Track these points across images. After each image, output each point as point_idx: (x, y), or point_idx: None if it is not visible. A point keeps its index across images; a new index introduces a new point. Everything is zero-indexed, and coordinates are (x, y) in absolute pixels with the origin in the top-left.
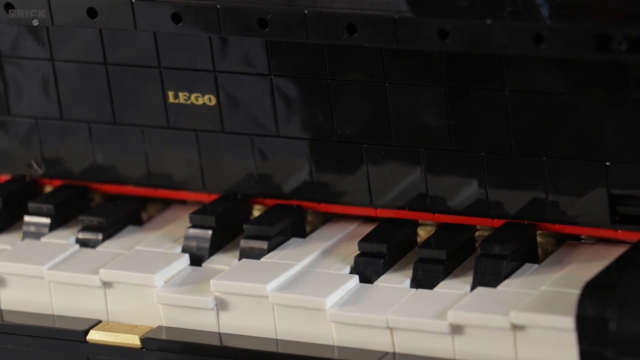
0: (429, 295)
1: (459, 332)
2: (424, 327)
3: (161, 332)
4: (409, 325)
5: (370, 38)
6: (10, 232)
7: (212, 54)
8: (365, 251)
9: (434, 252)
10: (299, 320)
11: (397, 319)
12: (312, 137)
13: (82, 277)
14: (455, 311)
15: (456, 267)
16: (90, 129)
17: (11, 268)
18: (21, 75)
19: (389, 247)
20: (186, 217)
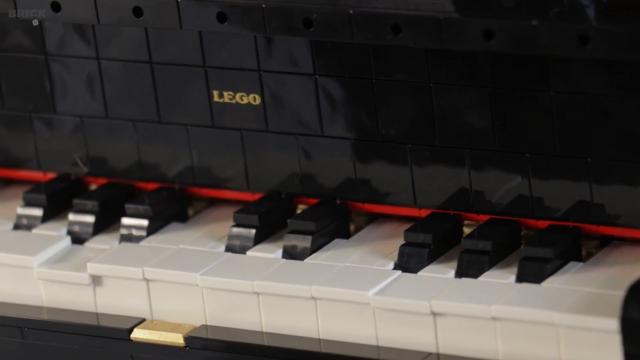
0: (474, 284)
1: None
2: (468, 313)
3: (205, 330)
4: (454, 310)
5: (415, 38)
6: (54, 229)
7: (257, 53)
8: (411, 241)
9: (479, 243)
10: (342, 318)
11: (442, 303)
12: (356, 137)
13: (126, 273)
14: (499, 305)
15: (501, 260)
16: (135, 127)
17: (55, 267)
18: (67, 73)
19: (435, 237)
20: (230, 216)
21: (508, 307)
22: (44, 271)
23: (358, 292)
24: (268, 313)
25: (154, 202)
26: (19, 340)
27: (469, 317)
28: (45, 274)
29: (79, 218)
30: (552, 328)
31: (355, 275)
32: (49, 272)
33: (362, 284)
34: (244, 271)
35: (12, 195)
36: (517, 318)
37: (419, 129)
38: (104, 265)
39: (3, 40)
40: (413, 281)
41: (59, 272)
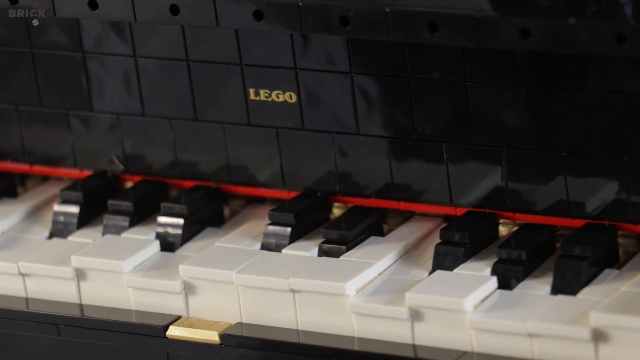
0: (509, 295)
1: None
2: (503, 325)
3: (240, 328)
4: (491, 326)
5: (452, 37)
6: (91, 226)
7: (293, 51)
8: (447, 240)
9: (514, 252)
10: (374, 319)
11: (479, 319)
12: (392, 135)
13: (162, 274)
14: (535, 322)
15: (536, 268)
16: (171, 125)
17: (91, 263)
18: (104, 71)
19: (471, 236)
20: (266, 214)
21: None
22: (82, 267)
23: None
24: (303, 311)
25: (190, 201)
26: (55, 337)
27: (505, 333)
28: (82, 271)
29: (115, 215)
30: (587, 337)
31: (391, 281)
32: (86, 268)
33: (397, 285)
34: (280, 269)
35: (49, 192)
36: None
37: (455, 127)
38: (142, 278)
39: (41, 38)
40: (448, 279)
41: (96, 268)
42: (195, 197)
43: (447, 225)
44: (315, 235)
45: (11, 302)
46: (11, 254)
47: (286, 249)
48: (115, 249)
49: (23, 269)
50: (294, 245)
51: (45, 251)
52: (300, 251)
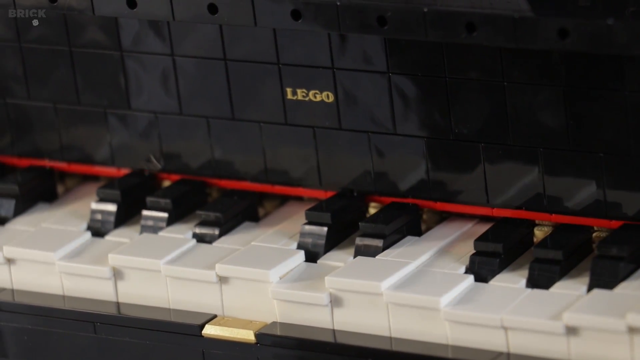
0: (545, 295)
1: (574, 334)
2: (539, 328)
3: (276, 327)
4: (524, 325)
5: (489, 37)
6: (128, 225)
7: (330, 50)
8: (480, 250)
9: (550, 252)
10: (413, 318)
11: (512, 318)
12: (429, 135)
13: (199, 272)
14: (571, 313)
15: (573, 268)
16: (208, 124)
17: (129, 261)
18: (142, 70)
19: (505, 246)
20: (302, 213)
21: (580, 314)
22: (119, 266)
23: (430, 298)
24: (338, 310)
25: (225, 208)
26: (91, 335)
27: (540, 332)
28: (119, 270)
29: (153, 214)
30: (624, 330)
31: (427, 279)
32: (123, 267)
33: (433, 288)
34: (315, 267)
35: (87, 191)
36: (589, 326)
37: (492, 127)
38: (177, 267)
39: (79, 36)
40: (484, 291)
41: (133, 267)
42: (230, 203)
43: (482, 235)
44: (352, 234)
45: (48, 299)
46: (49, 251)
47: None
48: (153, 247)
49: (60, 268)
50: (329, 244)
51: (83, 249)
52: (337, 250)
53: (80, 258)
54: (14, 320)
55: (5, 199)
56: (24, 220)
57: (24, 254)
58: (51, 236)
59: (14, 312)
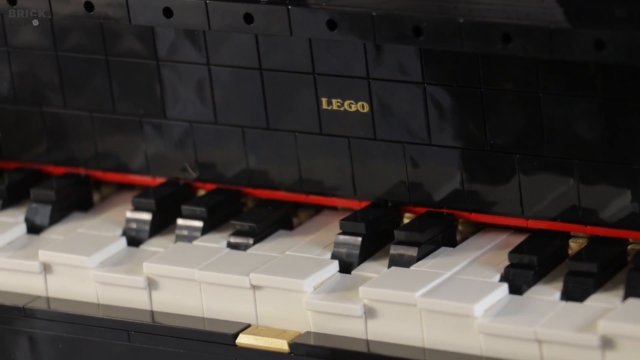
0: (579, 308)
1: (609, 347)
2: (573, 341)
3: (309, 337)
4: (558, 338)
5: (525, 48)
6: (163, 234)
7: (366, 61)
8: (515, 262)
9: (585, 265)
10: (446, 329)
11: (546, 331)
12: (464, 146)
13: (233, 278)
14: (606, 321)
15: (607, 281)
16: (243, 133)
17: (163, 270)
18: (177, 79)
19: (540, 258)
20: (337, 223)
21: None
22: (153, 274)
23: (464, 305)
24: (372, 320)
25: (259, 219)
26: (125, 344)
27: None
28: (153, 279)
29: (188, 223)
30: None
31: (461, 287)
32: (157, 275)
33: (468, 296)
34: (350, 279)
35: (122, 199)
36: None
37: (527, 138)
38: (211, 272)
39: (115, 45)
40: (519, 303)
41: (168, 275)
42: (264, 213)
43: (517, 247)
44: (386, 245)
45: (83, 307)
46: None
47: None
48: (187, 256)
49: (95, 277)
50: (364, 254)
51: (118, 258)
52: (370, 260)
53: (115, 267)
54: (49, 328)
55: (42, 205)
56: (59, 228)
57: (60, 258)
58: (86, 241)
59: (49, 320)
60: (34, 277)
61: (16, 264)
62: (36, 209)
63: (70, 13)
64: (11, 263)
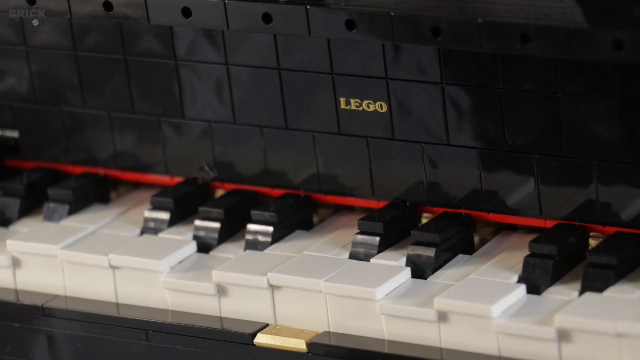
0: (599, 299)
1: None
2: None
3: (328, 337)
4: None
5: (544, 48)
6: (179, 232)
7: (384, 61)
8: (535, 252)
9: (604, 258)
10: (463, 329)
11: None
12: (482, 146)
13: (251, 279)
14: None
15: (628, 273)
16: (262, 133)
17: (182, 275)
18: (196, 79)
19: (560, 249)
20: (354, 223)
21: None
22: (171, 280)
23: (481, 306)
24: (390, 321)
25: (279, 209)
26: (144, 343)
27: (594, 332)
28: (172, 283)
29: (205, 224)
30: None
31: (479, 288)
32: (175, 281)
33: (485, 297)
34: (368, 278)
35: (140, 198)
36: None
37: (545, 139)
38: (230, 273)
39: (134, 45)
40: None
41: (184, 282)
42: (284, 205)
43: (536, 238)
44: (404, 245)
45: (102, 307)
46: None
47: (375, 259)
48: (205, 260)
49: (113, 262)
50: (383, 254)
51: (137, 246)
52: (389, 260)
53: (133, 264)
54: (68, 327)
55: (59, 204)
56: (77, 218)
57: (77, 257)
58: (105, 243)
59: (67, 319)
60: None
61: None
62: (54, 209)
63: (89, 13)
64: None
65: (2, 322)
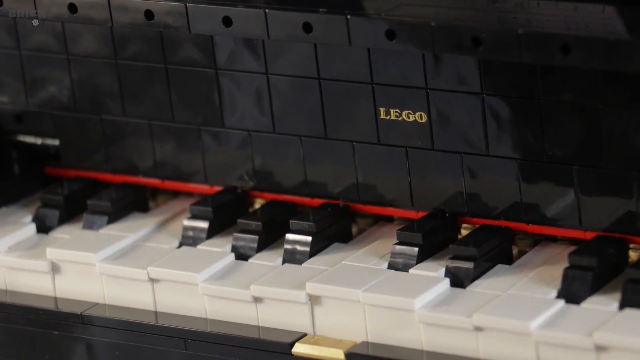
0: None
1: None
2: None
3: (366, 347)
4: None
5: (584, 59)
6: (219, 242)
7: (424, 71)
8: (575, 264)
9: None
10: (502, 343)
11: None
12: (522, 157)
13: (289, 294)
14: None
15: None
16: (301, 142)
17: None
18: (236, 88)
19: (600, 261)
20: (393, 233)
21: None
22: (209, 287)
23: (520, 323)
24: (429, 331)
25: (318, 219)
26: (182, 351)
27: (632, 351)
28: (209, 290)
29: (244, 236)
30: None
31: (517, 304)
32: (213, 287)
33: (524, 313)
34: (406, 289)
35: (179, 207)
36: None
37: (585, 150)
38: (267, 287)
39: (175, 53)
40: (576, 314)
41: (222, 288)
42: (323, 215)
43: (576, 250)
44: (443, 256)
45: (140, 315)
46: (141, 266)
47: (413, 269)
48: (243, 268)
49: (152, 274)
50: (421, 265)
51: (176, 263)
52: (428, 271)
53: (172, 271)
54: (106, 335)
55: (98, 216)
56: (116, 227)
57: (116, 271)
58: (144, 252)
59: (106, 327)
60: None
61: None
62: (93, 219)
63: (130, 21)
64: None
65: (41, 330)
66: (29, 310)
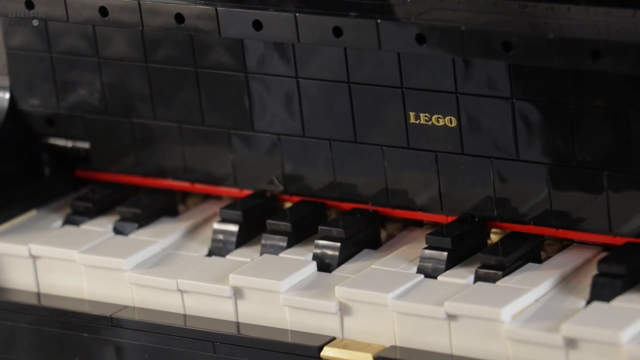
0: None
1: None
2: None
3: (395, 351)
4: None
5: (615, 64)
6: (249, 246)
7: (454, 75)
8: (604, 271)
9: None
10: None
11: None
12: (552, 162)
13: (318, 295)
14: None
15: None
16: (331, 146)
17: (249, 282)
18: (266, 91)
19: (629, 268)
20: (422, 237)
21: None
22: (239, 286)
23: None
24: (458, 335)
25: (347, 225)
26: (211, 354)
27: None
28: (240, 289)
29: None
30: None
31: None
32: (243, 287)
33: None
34: (435, 294)
35: (209, 211)
36: None
37: (616, 155)
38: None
39: (205, 57)
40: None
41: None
42: (352, 221)
43: (605, 257)
44: (473, 261)
45: (169, 318)
46: (170, 271)
47: (442, 274)
48: (273, 268)
49: (182, 286)
50: (451, 270)
51: (204, 269)
52: (457, 277)
53: (201, 277)
54: (135, 338)
55: (128, 223)
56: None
57: (146, 280)
58: (174, 256)
59: (135, 329)
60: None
61: None
62: (123, 225)
63: (160, 25)
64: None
65: (70, 332)
66: (59, 313)
